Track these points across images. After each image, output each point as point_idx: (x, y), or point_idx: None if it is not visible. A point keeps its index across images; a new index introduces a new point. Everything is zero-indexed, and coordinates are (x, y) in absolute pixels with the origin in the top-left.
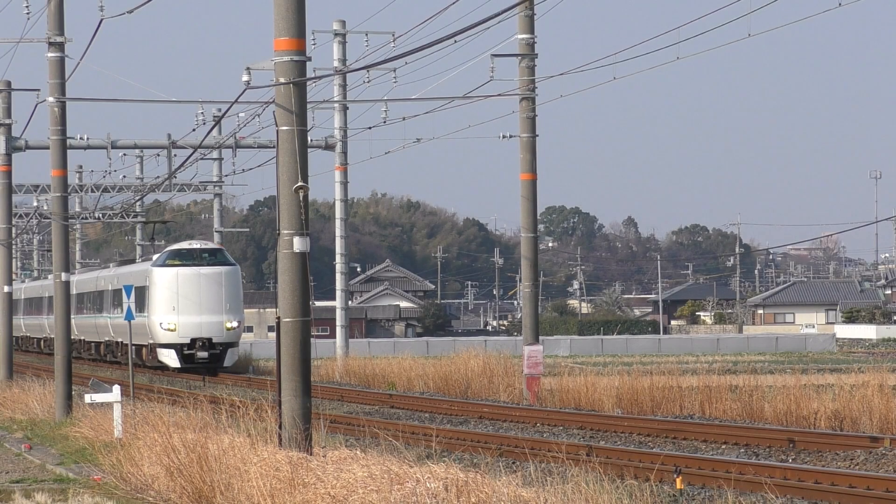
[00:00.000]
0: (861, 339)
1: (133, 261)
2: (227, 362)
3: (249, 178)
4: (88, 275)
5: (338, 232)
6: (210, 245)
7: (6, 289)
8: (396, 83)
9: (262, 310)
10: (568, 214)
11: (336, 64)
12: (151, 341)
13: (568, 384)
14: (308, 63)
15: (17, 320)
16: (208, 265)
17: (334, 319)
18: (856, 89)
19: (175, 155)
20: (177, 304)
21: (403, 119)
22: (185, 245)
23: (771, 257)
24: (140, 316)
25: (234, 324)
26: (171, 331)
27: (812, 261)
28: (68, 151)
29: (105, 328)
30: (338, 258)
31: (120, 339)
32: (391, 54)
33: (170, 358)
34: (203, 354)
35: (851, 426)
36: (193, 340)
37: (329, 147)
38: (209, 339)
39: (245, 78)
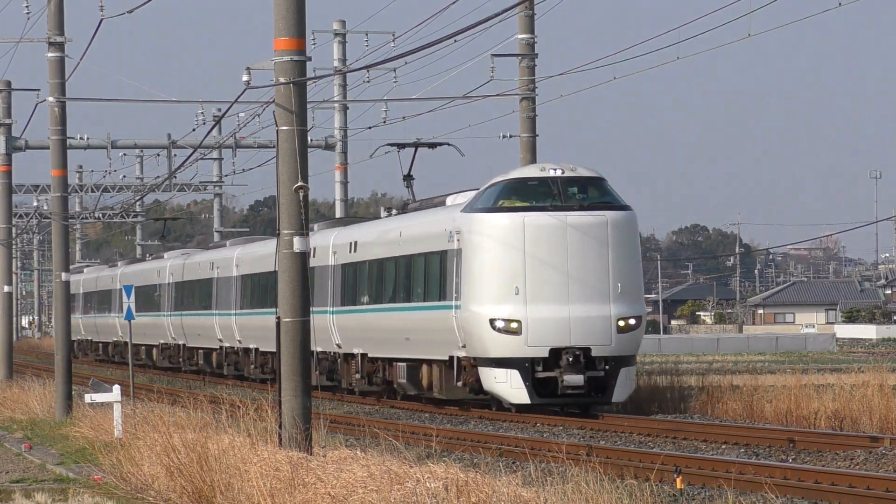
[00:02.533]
0: (861, 339)
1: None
2: (619, 394)
3: (249, 178)
4: (170, 262)
5: None
6: (581, 171)
7: (6, 288)
8: (396, 83)
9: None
10: None
11: (336, 64)
12: (462, 352)
13: None
14: (308, 63)
15: (74, 319)
16: (581, 209)
17: None
18: (856, 89)
19: (175, 155)
20: (522, 281)
21: (403, 119)
22: (532, 171)
23: (771, 257)
24: (435, 306)
25: (632, 320)
26: (511, 332)
27: (812, 261)
28: (68, 151)
29: (207, 329)
30: None
31: (234, 344)
32: (391, 54)
33: (509, 385)
34: (574, 380)
35: (851, 426)
36: (556, 353)
37: (329, 147)
38: (585, 351)
39: (245, 78)
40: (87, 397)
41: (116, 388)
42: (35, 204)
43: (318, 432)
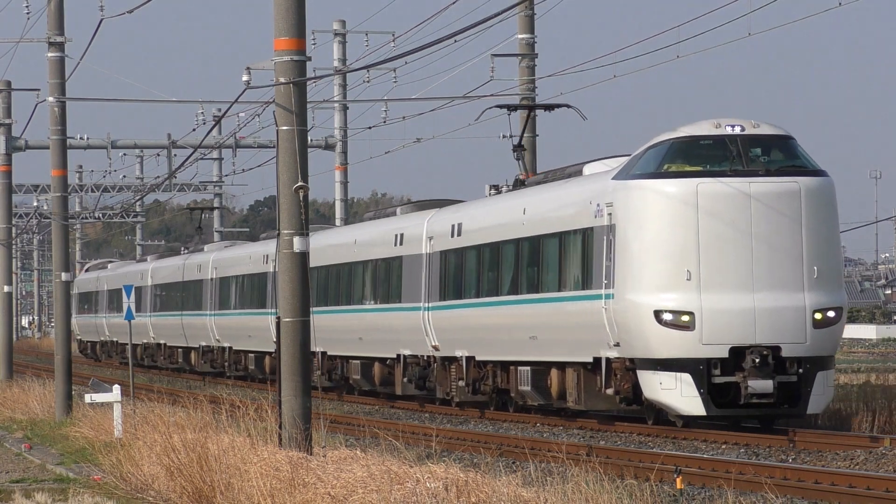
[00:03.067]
0: (861, 339)
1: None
2: (815, 404)
3: (249, 178)
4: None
5: None
6: (765, 128)
7: (6, 288)
8: (396, 83)
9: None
10: None
11: (336, 64)
12: (614, 352)
13: None
14: (308, 63)
15: (98, 320)
16: (767, 174)
17: None
18: (856, 89)
19: (175, 155)
20: (694, 264)
21: (403, 119)
22: (705, 128)
23: None
24: (576, 297)
25: (831, 312)
26: (682, 327)
27: None
28: (68, 151)
29: (262, 330)
30: None
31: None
32: (391, 54)
33: (678, 392)
34: (762, 386)
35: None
36: (737, 352)
37: (329, 147)
38: (774, 350)
39: (245, 78)
40: (87, 397)
41: (116, 387)
42: (35, 204)
43: (318, 432)
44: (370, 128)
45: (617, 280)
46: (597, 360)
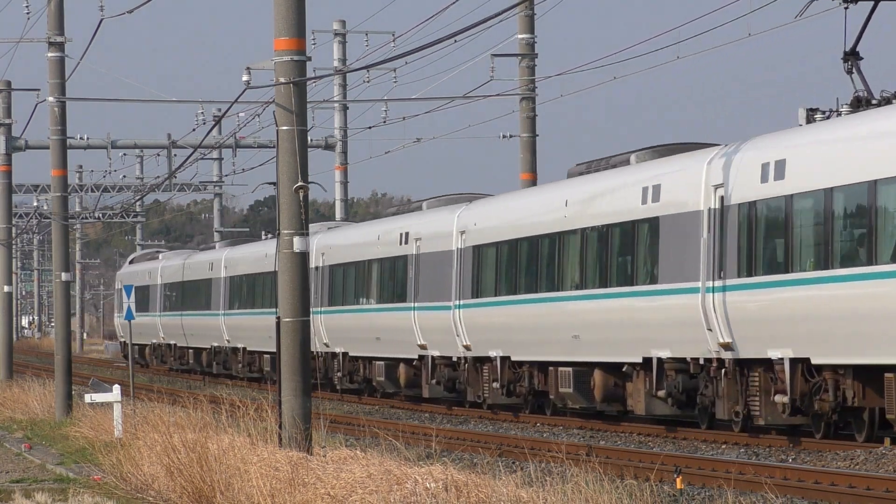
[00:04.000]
0: None
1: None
2: None
3: (249, 178)
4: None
5: None
6: None
7: (6, 288)
8: (396, 83)
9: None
10: None
11: (336, 64)
12: None
13: None
14: (308, 63)
15: (150, 318)
16: None
17: None
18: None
19: (175, 155)
20: None
21: (403, 119)
22: None
23: None
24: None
25: None
26: None
27: None
28: (68, 151)
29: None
30: None
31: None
32: (391, 54)
33: None
34: None
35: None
36: None
37: (329, 147)
38: None
39: (245, 78)
40: (87, 397)
41: (116, 387)
42: (35, 204)
43: (318, 432)
44: (370, 128)
45: None
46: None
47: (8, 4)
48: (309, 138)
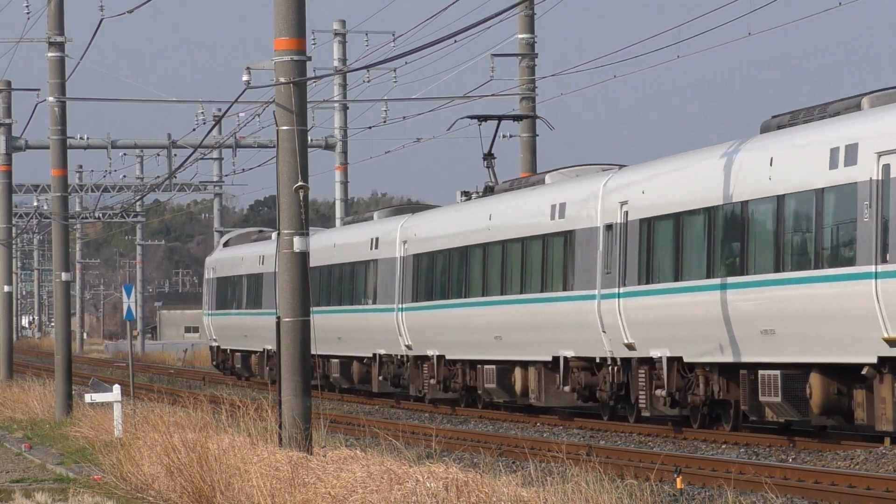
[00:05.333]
0: None
1: None
2: None
3: (249, 178)
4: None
5: None
6: None
7: (6, 288)
8: (396, 83)
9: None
10: None
11: (336, 64)
12: None
13: None
14: (308, 63)
15: (256, 319)
16: None
17: None
18: (855, 89)
19: (175, 155)
20: None
21: (403, 119)
22: None
23: None
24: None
25: None
26: None
27: None
28: (68, 151)
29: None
30: None
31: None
32: (391, 54)
33: None
34: None
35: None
36: None
37: (329, 147)
38: None
39: (245, 78)
40: (87, 397)
41: (116, 387)
42: (35, 204)
43: (318, 432)
44: (370, 128)
45: None
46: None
47: (8, 4)
48: (309, 138)
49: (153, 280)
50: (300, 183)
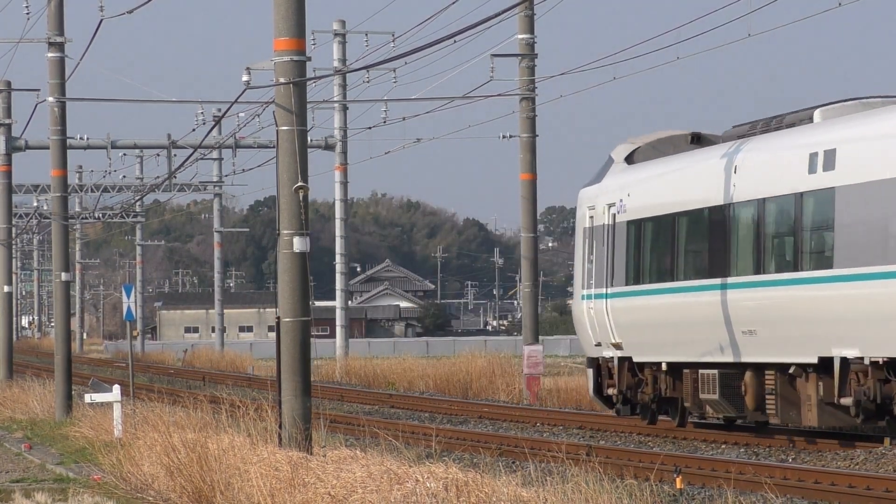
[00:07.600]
0: None
1: None
2: None
3: (249, 178)
4: None
5: (338, 232)
6: None
7: (6, 288)
8: (396, 83)
9: (262, 310)
10: (568, 214)
11: (336, 64)
12: None
13: (568, 384)
14: (308, 63)
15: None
16: None
17: (334, 319)
18: (856, 89)
19: (175, 155)
20: None
21: (403, 119)
22: None
23: None
24: None
25: None
26: None
27: None
28: (68, 151)
29: None
30: (338, 258)
31: None
32: (391, 54)
33: None
34: None
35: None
36: None
37: (329, 147)
38: None
39: (245, 78)
40: (87, 397)
41: (116, 387)
42: (35, 204)
43: (318, 432)
44: (370, 128)
45: None
46: None
47: (8, 4)
48: (309, 138)
49: (153, 280)
50: (300, 183)
